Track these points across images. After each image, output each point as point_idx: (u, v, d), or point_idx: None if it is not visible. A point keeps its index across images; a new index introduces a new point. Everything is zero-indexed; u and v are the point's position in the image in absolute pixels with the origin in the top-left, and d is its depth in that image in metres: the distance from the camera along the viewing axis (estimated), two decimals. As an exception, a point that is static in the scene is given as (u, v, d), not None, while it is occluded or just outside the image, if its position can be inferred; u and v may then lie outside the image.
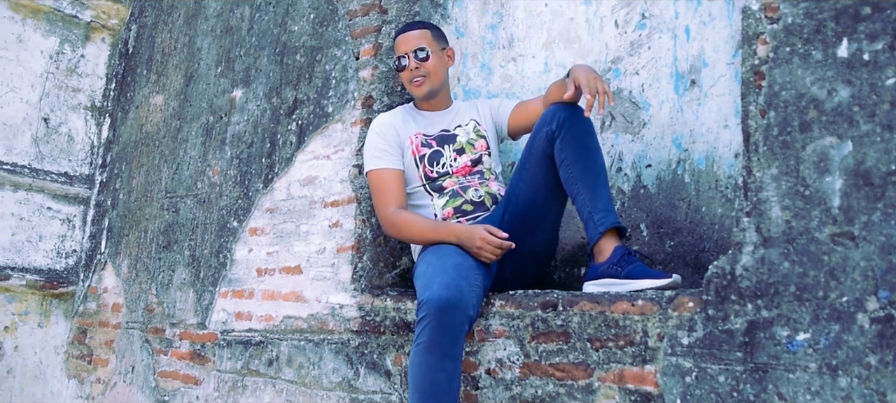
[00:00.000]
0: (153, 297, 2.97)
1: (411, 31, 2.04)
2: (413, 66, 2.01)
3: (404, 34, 2.05)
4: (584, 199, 1.72)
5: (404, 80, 2.05)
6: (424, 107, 2.10)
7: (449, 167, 2.01)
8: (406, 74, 2.03)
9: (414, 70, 2.01)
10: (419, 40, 2.02)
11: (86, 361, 3.34)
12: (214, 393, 2.52)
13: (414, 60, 2.00)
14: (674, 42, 2.07)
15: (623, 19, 2.17)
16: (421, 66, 2.01)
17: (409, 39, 2.03)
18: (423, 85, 2.02)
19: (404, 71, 2.02)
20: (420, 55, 2.01)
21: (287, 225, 2.41)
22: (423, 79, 2.02)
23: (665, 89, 2.05)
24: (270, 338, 2.36)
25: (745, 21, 1.50)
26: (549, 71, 2.29)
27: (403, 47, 2.03)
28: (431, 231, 1.87)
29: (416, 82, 2.02)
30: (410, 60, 2.01)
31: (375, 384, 2.02)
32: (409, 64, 2.01)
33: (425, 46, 2.02)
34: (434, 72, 2.03)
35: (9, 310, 3.55)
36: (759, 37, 1.47)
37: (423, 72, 2.01)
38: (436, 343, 1.62)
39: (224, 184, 2.75)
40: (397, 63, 2.03)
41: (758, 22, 1.47)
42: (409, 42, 2.02)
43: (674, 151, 2.01)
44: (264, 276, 2.45)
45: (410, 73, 2.02)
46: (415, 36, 2.03)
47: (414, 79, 2.02)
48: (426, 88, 2.03)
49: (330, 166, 2.29)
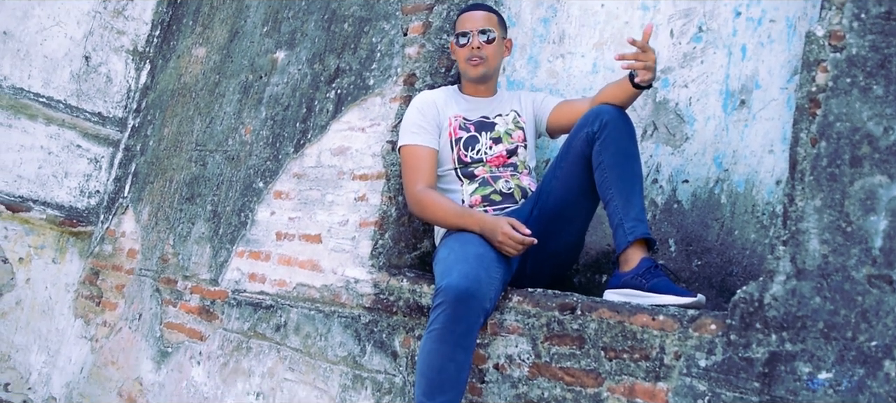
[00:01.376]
0: (169, 248, 3.07)
1: (480, 11, 2.09)
2: (476, 44, 2.04)
3: (473, 12, 2.09)
4: (617, 205, 1.74)
5: (461, 57, 2.08)
6: (469, 91, 2.15)
7: (483, 154, 2.05)
8: (465, 52, 2.06)
9: (476, 49, 2.04)
10: (486, 22, 2.07)
11: (94, 302, 3.45)
12: (218, 351, 2.60)
13: (478, 39, 2.04)
14: (728, 59, 2.08)
15: (679, 30, 2.18)
16: (483, 48, 2.05)
17: (476, 18, 2.07)
18: (480, 66, 2.06)
19: (465, 48, 2.06)
20: (483, 37, 2.05)
21: (313, 193, 2.48)
22: (481, 62, 2.06)
23: (713, 106, 2.07)
24: (281, 303, 2.43)
25: (807, 46, 1.51)
26: (596, 72, 2.32)
27: (469, 24, 2.06)
28: (456, 216, 1.91)
29: (473, 61, 2.06)
30: (474, 38, 2.04)
31: (381, 363, 2.07)
32: (473, 41, 2.04)
33: (492, 29, 2.06)
34: (492, 57, 2.08)
35: (25, 242, 3.69)
36: (819, 64, 1.48)
37: (482, 54, 2.05)
38: (449, 332, 1.66)
39: (255, 144, 2.83)
40: (458, 38, 2.07)
41: (820, 49, 1.49)
42: (477, 21, 2.06)
43: (713, 170, 2.02)
44: (283, 241, 2.52)
45: (470, 51, 2.05)
46: (483, 16, 2.08)
47: (472, 58, 2.05)
48: (481, 71, 2.07)
49: (364, 139, 2.35)
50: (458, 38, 2.07)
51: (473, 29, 2.05)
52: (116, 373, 3.07)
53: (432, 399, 1.66)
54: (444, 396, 1.66)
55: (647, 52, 1.75)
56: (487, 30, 2.06)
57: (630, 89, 1.82)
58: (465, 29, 2.06)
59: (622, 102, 1.85)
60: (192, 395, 2.63)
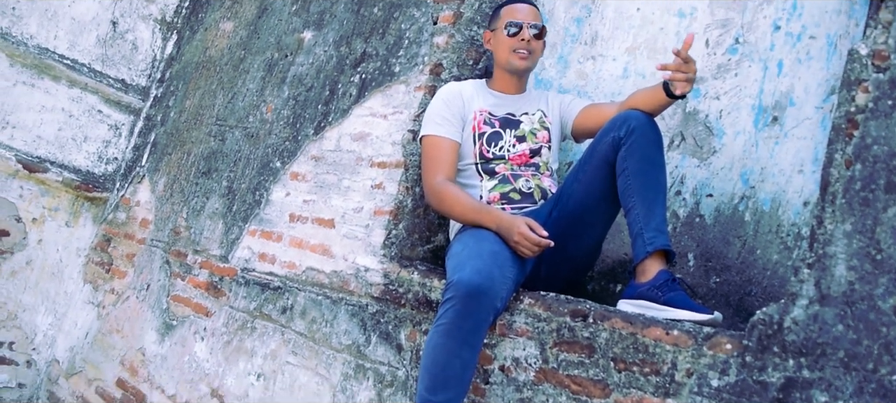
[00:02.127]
0: (182, 221, 3.11)
1: (528, 5, 2.10)
2: (527, 37, 2.05)
3: (522, 4, 2.09)
4: (638, 214, 1.73)
5: (505, 47, 2.07)
6: (497, 87, 2.15)
7: (506, 152, 2.05)
8: (513, 42, 2.05)
9: (526, 42, 2.05)
10: (536, 17, 2.08)
11: (104, 269, 3.51)
12: (222, 328, 2.63)
13: (529, 31, 2.05)
14: (763, 74, 2.05)
15: (715, 40, 2.16)
16: (532, 42, 2.05)
17: (528, 11, 2.08)
18: (526, 60, 2.07)
19: (514, 38, 2.05)
20: (534, 31, 2.06)
21: (329, 177, 2.49)
22: (528, 55, 2.06)
23: (744, 120, 2.05)
24: (289, 286, 2.45)
25: (848, 65, 1.49)
26: (627, 77, 2.30)
27: (521, 16, 2.06)
28: (473, 211, 1.91)
29: (520, 54, 2.05)
30: (526, 30, 2.05)
31: (385, 355, 2.08)
32: (524, 33, 2.04)
33: (541, 25, 2.07)
34: (537, 53, 2.09)
35: (40, 203, 3.76)
36: (861, 84, 1.46)
37: (530, 49, 2.06)
38: (457, 328, 1.65)
39: (275, 123, 2.85)
40: (508, 28, 2.05)
41: (863, 68, 1.46)
42: (528, 14, 2.07)
43: (739, 186, 2.00)
44: (296, 223, 2.54)
45: (520, 43, 2.05)
46: (533, 11, 2.09)
47: (520, 50, 2.05)
48: (526, 65, 2.07)
49: (385, 126, 2.36)
50: (509, 28, 2.06)
51: (526, 21, 2.05)
52: (120, 341, 3.11)
53: (435, 395, 1.66)
54: (447, 393, 1.66)
55: (689, 64, 1.72)
56: (538, 24, 2.07)
57: (663, 98, 1.80)
58: (517, 19, 2.06)
59: (653, 110, 1.83)
60: (193, 370, 2.67)
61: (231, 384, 2.49)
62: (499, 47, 2.10)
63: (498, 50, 2.10)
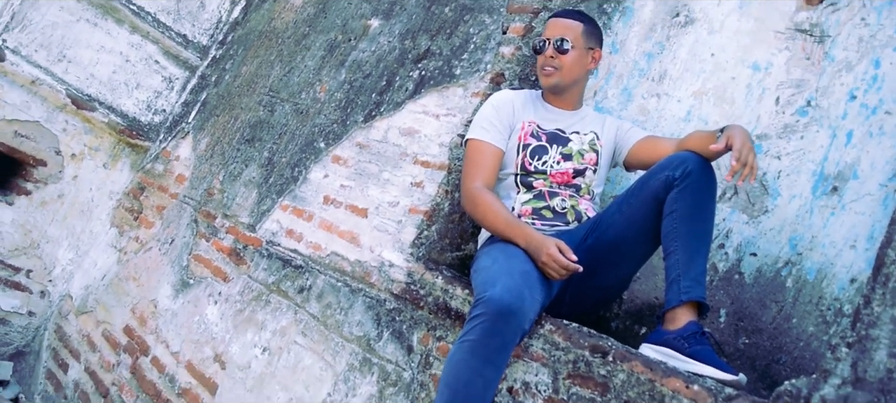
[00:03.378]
0: (218, 183, 3.21)
1: (563, 19, 2.11)
2: (549, 53, 2.08)
3: (556, 19, 2.13)
4: (678, 260, 1.74)
5: (538, 65, 2.13)
6: (551, 100, 2.18)
7: (549, 167, 2.07)
8: (541, 59, 2.10)
9: (549, 58, 2.08)
10: (566, 31, 2.08)
11: (133, 216, 3.64)
12: (237, 296, 2.70)
13: (552, 49, 2.08)
14: (830, 141, 2.05)
15: (786, 99, 2.17)
16: (557, 58, 2.08)
17: (556, 26, 2.11)
18: (552, 77, 2.09)
19: (540, 55, 2.10)
20: (560, 46, 2.07)
21: (371, 167, 2.56)
22: (554, 72, 2.08)
23: (802, 185, 2.04)
24: (311, 267, 2.51)
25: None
26: (689, 120, 2.32)
27: (549, 32, 2.11)
28: (505, 224, 1.93)
29: (545, 71, 2.09)
30: (549, 47, 2.08)
31: (394, 354, 2.11)
32: (547, 50, 2.08)
33: (569, 39, 2.08)
34: (568, 68, 2.09)
35: (82, 140, 3.92)
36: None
37: (556, 64, 2.08)
38: (483, 346, 1.66)
39: (326, 104, 2.94)
40: (536, 45, 2.12)
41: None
42: (556, 29, 2.10)
43: (786, 250, 1.99)
44: (329, 206, 2.60)
45: (544, 60, 2.09)
46: (564, 25, 2.10)
47: (545, 67, 2.09)
48: (553, 81, 2.09)
49: (435, 126, 2.42)
50: (537, 44, 2.12)
51: (550, 37, 2.09)
52: (135, 290, 3.22)
53: None
54: None
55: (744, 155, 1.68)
56: (563, 39, 2.07)
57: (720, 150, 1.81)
58: (543, 36, 2.11)
59: (708, 156, 1.84)
60: (201, 331, 2.74)
61: (235, 352, 2.56)
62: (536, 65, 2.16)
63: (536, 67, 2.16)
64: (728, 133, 1.75)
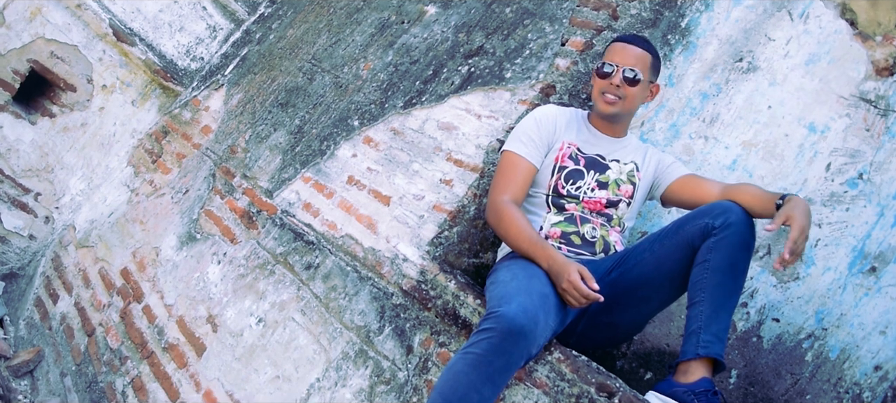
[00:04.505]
0: (243, 142, 3.24)
1: (635, 47, 2.05)
2: (617, 81, 2.02)
3: (626, 45, 2.06)
4: (702, 312, 1.71)
5: (596, 88, 2.07)
6: (597, 124, 2.15)
7: (583, 193, 2.05)
8: (603, 84, 2.04)
9: (614, 86, 2.02)
10: (637, 62, 2.03)
11: (151, 159, 3.68)
12: (242, 260, 2.72)
13: (620, 77, 2.02)
14: (877, 220, 2.02)
15: (838, 166, 2.14)
16: (623, 88, 2.02)
17: (627, 53, 2.04)
18: (614, 106, 2.04)
19: (605, 80, 2.04)
20: (629, 75, 2.02)
21: (402, 155, 2.56)
22: (617, 101, 2.03)
23: (839, 258, 2.01)
24: (322, 245, 2.51)
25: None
26: (733, 170, 2.30)
27: (618, 58, 2.04)
28: (528, 242, 1.91)
29: (608, 99, 2.04)
30: (617, 75, 2.02)
31: (392, 351, 2.10)
32: (614, 77, 2.02)
33: (639, 71, 2.02)
34: (631, 100, 2.05)
35: (116, 73, 3.99)
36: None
37: (621, 94, 2.03)
38: (486, 363, 1.63)
39: (368, 82, 2.95)
40: (601, 67, 2.05)
41: None
42: (627, 57, 2.03)
43: (811, 322, 1.97)
44: (352, 186, 2.61)
45: (609, 87, 2.02)
46: (635, 54, 2.04)
47: (607, 94, 2.03)
48: (614, 110, 2.05)
49: (476, 126, 2.41)
50: (602, 67, 2.05)
51: (620, 63, 2.02)
52: (140, 233, 3.25)
53: None
54: None
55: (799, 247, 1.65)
56: (635, 70, 2.02)
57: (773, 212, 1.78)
58: (612, 61, 2.04)
59: (756, 214, 1.81)
60: (198, 289, 2.76)
61: (230, 317, 2.57)
62: (593, 86, 2.10)
63: (593, 88, 2.10)
64: (787, 212, 1.69)
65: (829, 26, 2.43)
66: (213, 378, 2.43)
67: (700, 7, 2.52)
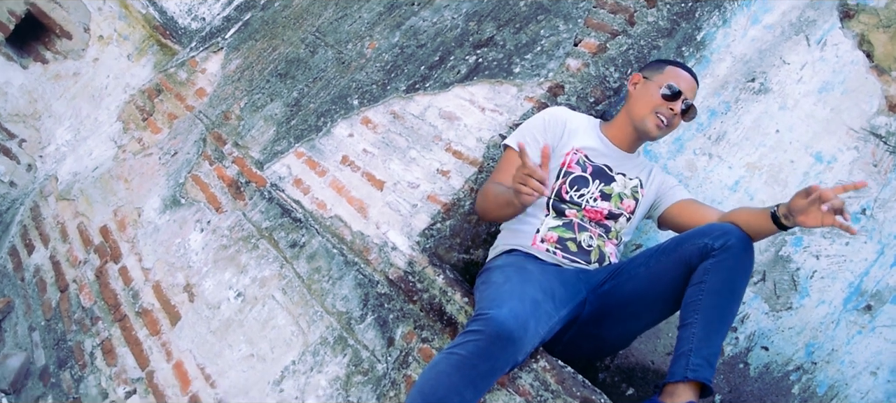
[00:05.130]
0: (237, 109, 3.15)
1: (692, 79, 2.04)
2: (678, 109, 1.99)
3: (687, 74, 2.04)
4: (693, 334, 1.67)
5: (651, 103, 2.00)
6: (610, 134, 2.09)
7: (585, 201, 2.00)
8: (662, 104, 1.99)
9: (672, 112, 1.99)
10: (694, 95, 2.04)
11: (142, 116, 3.59)
12: (226, 231, 2.64)
13: (681, 107, 2.00)
14: (877, 257, 2.00)
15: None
16: (678, 118, 2.00)
17: (690, 86, 2.03)
18: (662, 131, 2.01)
19: (665, 101, 1.99)
20: (689, 110, 2.01)
21: (400, 140, 2.48)
22: (666, 127, 2.01)
23: (835, 293, 1.99)
24: (310, 224, 2.44)
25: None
26: (735, 191, 2.27)
27: (684, 86, 2.01)
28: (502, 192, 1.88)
29: (660, 121, 1.99)
30: (679, 103, 1.99)
31: (372, 341, 2.04)
32: (677, 104, 1.99)
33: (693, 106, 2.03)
34: (672, 128, 2.04)
35: (114, 25, 3.89)
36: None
37: (673, 123, 2.01)
38: (471, 366, 1.59)
39: (372, 62, 2.87)
40: (667, 88, 1.99)
41: None
42: (689, 89, 2.02)
43: (801, 355, 1.95)
44: (345, 167, 2.53)
45: (667, 110, 1.98)
46: (693, 86, 2.04)
47: (663, 116, 1.99)
48: (658, 133, 2.01)
49: (479, 118, 2.34)
50: (668, 88, 1.99)
51: (685, 94, 2.01)
52: (124, 192, 3.16)
53: None
54: None
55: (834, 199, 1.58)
56: (692, 105, 2.02)
57: (769, 226, 1.73)
58: (680, 87, 2.00)
59: (754, 233, 1.76)
60: (178, 255, 2.68)
61: (208, 288, 2.49)
62: (642, 99, 2.03)
63: (639, 100, 2.03)
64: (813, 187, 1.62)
65: (846, 56, 2.38)
66: (186, 349, 2.36)
67: (717, 22, 2.46)
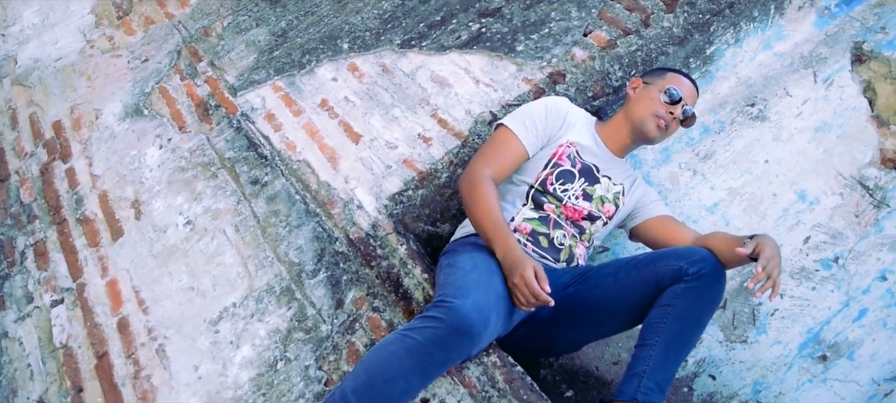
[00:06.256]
0: (219, 27, 2.96)
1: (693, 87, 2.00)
2: (678, 114, 1.94)
3: (688, 82, 2.00)
4: (651, 356, 1.61)
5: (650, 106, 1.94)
6: (604, 135, 2.00)
7: (567, 198, 1.90)
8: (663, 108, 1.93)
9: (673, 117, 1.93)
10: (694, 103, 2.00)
11: (117, 15, 3.36)
12: (186, 153, 2.47)
13: (681, 113, 1.95)
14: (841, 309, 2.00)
15: (816, 243, 2.11)
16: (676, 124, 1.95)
17: (691, 94, 1.99)
18: (661, 134, 1.95)
19: (666, 105, 1.93)
20: (688, 118, 1.97)
21: (385, 95, 2.34)
22: (665, 132, 1.95)
23: (792, 336, 1.99)
24: (276, 163, 2.29)
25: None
26: (712, 213, 2.24)
27: (685, 93, 1.97)
28: (493, 225, 1.75)
29: (660, 124, 1.93)
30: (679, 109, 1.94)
31: (321, 299, 1.92)
32: (678, 109, 1.93)
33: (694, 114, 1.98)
34: (670, 134, 1.99)
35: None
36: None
37: (670, 128, 1.95)
38: (424, 352, 1.51)
39: (369, 7, 2.70)
40: (669, 93, 1.94)
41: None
42: (690, 97, 1.98)
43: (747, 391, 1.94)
44: (323, 112, 2.38)
45: (667, 114, 1.93)
46: (693, 95, 2.00)
47: (662, 121, 1.93)
48: (657, 136, 1.95)
49: (472, 90, 2.21)
50: (668, 93, 1.93)
51: (690, 102, 1.97)
52: (85, 89, 2.96)
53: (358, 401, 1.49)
54: None
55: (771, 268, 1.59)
56: (691, 110, 1.97)
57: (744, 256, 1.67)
58: (681, 93, 1.95)
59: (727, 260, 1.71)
60: (131, 168, 2.51)
61: (157, 209, 2.33)
62: (641, 101, 1.96)
63: (638, 103, 1.96)
64: (759, 240, 1.64)
65: (850, 100, 2.33)
66: (123, 267, 2.21)
67: (730, 39, 2.36)
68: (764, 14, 2.37)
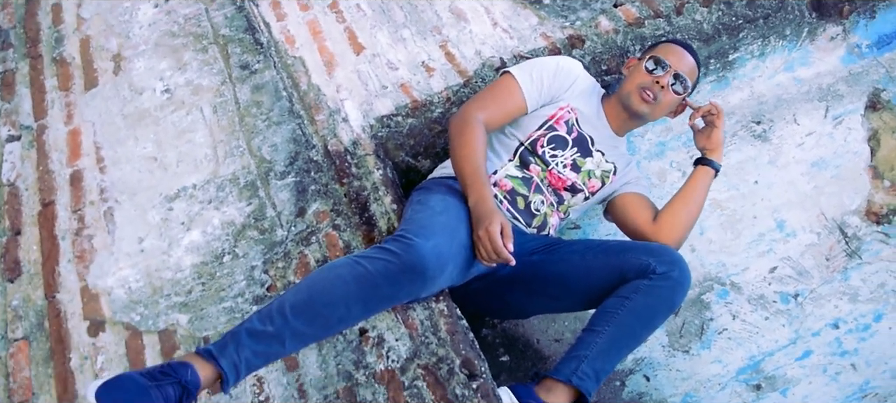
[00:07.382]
0: None
1: (690, 56, 1.80)
2: (665, 82, 1.75)
3: (682, 50, 1.81)
4: (595, 343, 1.56)
5: (635, 80, 1.78)
6: (607, 109, 1.87)
7: (554, 164, 1.79)
8: (646, 79, 1.76)
9: (659, 86, 1.75)
10: (690, 73, 1.79)
11: None
12: (181, 19, 2.30)
13: (669, 79, 1.76)
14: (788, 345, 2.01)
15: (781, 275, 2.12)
16: (667, 91, 1.75)
17: (683, 60, 1.79)
18: (648, 105, 1.77)
19: (649, 75, 1.76)
20: (681, 84, 1.78)
21: (398, 13, 2.20)
22: (653, 102, 1.77)
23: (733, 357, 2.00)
24: (270, 53, 2.15)
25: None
26: None
27: (672, 58, 1.77)
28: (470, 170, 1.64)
29: (645, 95, 1.76)
30: (668, 75, 1.75)
31: (283, 203, 1.81)
32: (663, 78, 1.75)
33: (689, 82, 1.79)
34: (664, 108, 1.80)
35: None
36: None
37: (660, 97, 1.76)
38: (373, 284, 1.42)
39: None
40: (650, 62, 1.77)
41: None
42: (682, 63, 1.78)
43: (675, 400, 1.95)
44: (331, 14, 2.23)
45: (653, 84, 1.75)
46: (690, 64, 1.79)
47: (647, 92, 1.75)
48: (646, 110, 1.78)
49: (487, 31, 2.08)
50: (651, 62, 1.77)
51: (674, 68, 1.76)
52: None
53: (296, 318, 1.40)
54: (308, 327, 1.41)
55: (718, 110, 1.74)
56: (685, 79, 1.77)
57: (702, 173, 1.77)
58: (665, 59, 1.77)
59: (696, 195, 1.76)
60: (120, 20, 2.34)
61: (138, 68, 2.19)
62: (630, 77, 1.82)
63: (627, 79, 1.82)
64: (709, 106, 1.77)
65: (853, 144, 2.29)
66: (89, 120, 2.08)
67: (755, 51, 2.26)
68: (795, 34, 2.26)
